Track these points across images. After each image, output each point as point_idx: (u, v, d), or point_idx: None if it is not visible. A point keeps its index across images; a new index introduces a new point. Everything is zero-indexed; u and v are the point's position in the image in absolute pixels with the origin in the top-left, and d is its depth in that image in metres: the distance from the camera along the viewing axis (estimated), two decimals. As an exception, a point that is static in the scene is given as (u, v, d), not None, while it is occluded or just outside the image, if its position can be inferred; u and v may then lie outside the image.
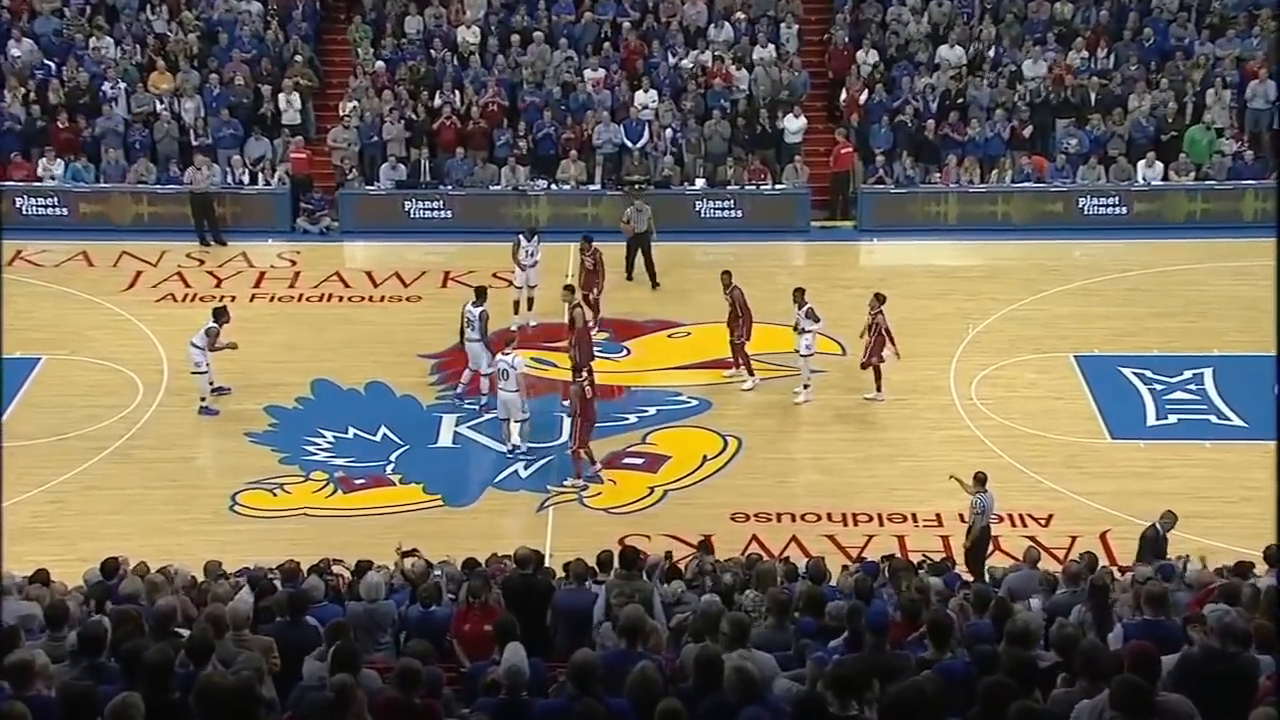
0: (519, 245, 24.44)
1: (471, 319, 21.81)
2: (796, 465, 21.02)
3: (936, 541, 18.66)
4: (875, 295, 21.77)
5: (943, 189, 29.12)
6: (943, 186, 29.16)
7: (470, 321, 21.81)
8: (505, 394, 20.49)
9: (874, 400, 21.94)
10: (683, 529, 18.97)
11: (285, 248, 28.25)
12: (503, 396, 20.56)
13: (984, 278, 26.90)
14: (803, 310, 22.02)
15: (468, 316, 21.87)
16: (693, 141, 29.74)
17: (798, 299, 22.15)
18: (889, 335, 21.60)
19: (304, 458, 20.91)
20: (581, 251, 24.34)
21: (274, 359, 23.61)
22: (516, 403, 20.52)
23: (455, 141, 29.65)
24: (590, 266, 24.15)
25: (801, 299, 22.12)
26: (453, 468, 20.83)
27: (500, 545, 17.10)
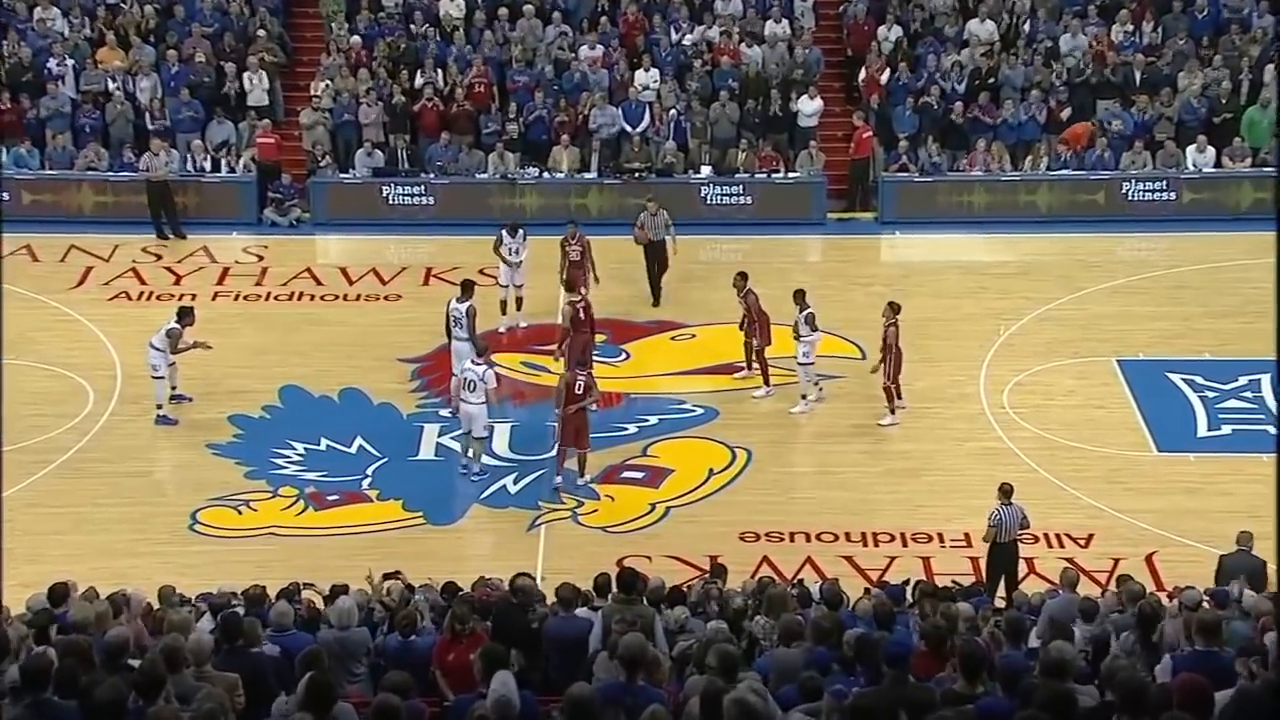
0: (500, 241, 24.43)
1: (458, 316, 21.82)
2: (811, 480, 21.01)
3: (965, 563, 18.64)
4: (890, 304, 21.69)
5: (972, 177, 29.11)
6: (972, 174, 29.15)
7: (456, 319, 21.82)
8: (469, 406, 20.47)
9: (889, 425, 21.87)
10: (687, 549, 18.95)
11: (251, 241, 28.22)
12: (465, 409, 20.55)
13: (1017, 274, 26.88)
14: (803, 315, 21.98)
15: (453, 313, 21.88)
16: (698, 125, 29.73)
17: (798, 301, 22.11)
18: (894, 350, 21.45)
19: (272, 472, 20.89)
20: (565, 243, 24.27)
21: (239, 363, 23.58)
22: (480, 417, 20.51)
23: (438, 125, 29.64)
24: (576, 258, 24.11)
25: (803, 301, 22.07)
26: (435, 483, 20.81)
27: (487, 567, 17.08)
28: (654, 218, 24.91)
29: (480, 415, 20.49)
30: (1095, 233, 28.23)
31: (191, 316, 22.09)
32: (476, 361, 20.52)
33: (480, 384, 20.34)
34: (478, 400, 20.42)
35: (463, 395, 20.53)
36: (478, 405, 20.43)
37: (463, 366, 20.57)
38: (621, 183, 28.92)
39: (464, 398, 20.50)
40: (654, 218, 24.91)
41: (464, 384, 20.47)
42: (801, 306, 22.07)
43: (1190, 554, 18.42)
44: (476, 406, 20.44)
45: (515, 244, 24.40)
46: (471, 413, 20.49)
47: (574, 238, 24.21)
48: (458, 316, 21.81)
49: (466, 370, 20.46)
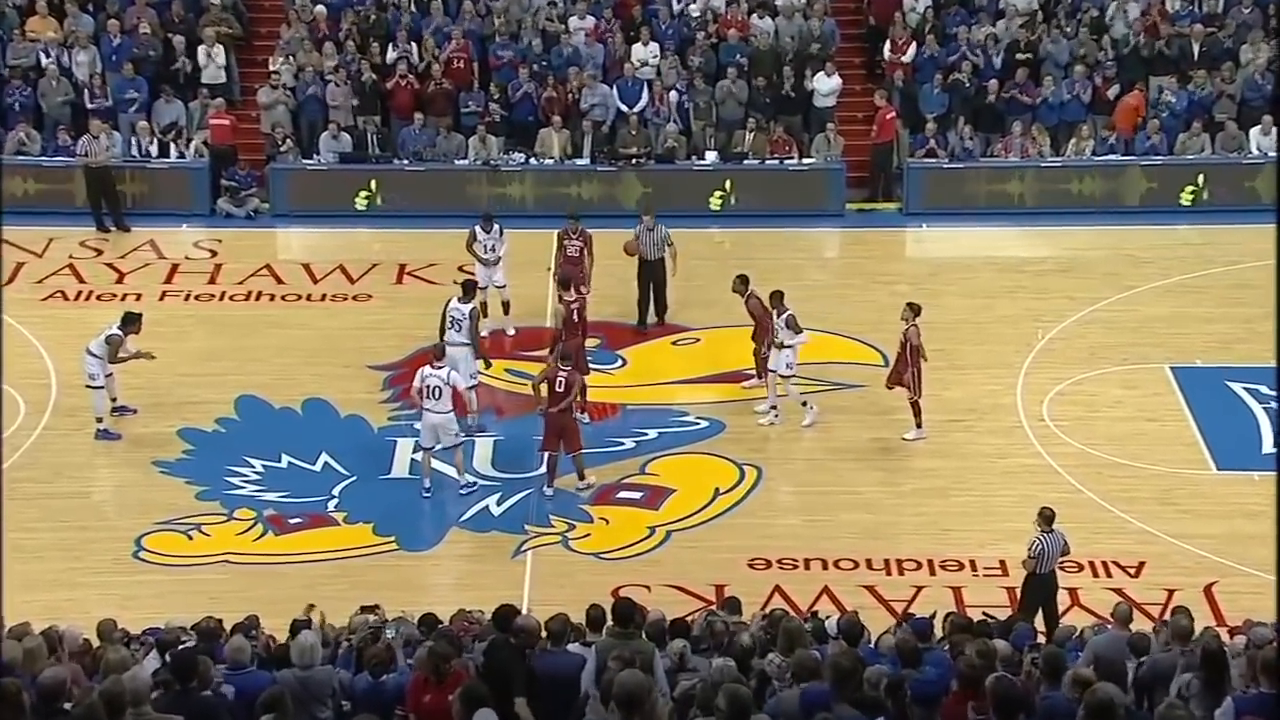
0: (474, 237, 24.36)
1: (458, 318, 21.74)
2: (828, 500, 20.98)
3: (1000, 594, 18.63)
4: (909, 305, 21.65)
5: (1008, 163, 29.11)
6: (1008, 160, 29.16)
7: (456, 321, 21.74)
8: (433, 416, 20.42)
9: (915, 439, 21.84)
10: (690, 578, 18.93)
11: (203, 235, 28.20)
12: (429, 420, 20.50)
13: (1058, 271, 26.88)
14: (782, 318, 21.90)
15: (452, 315, 21.79)
16: (702, 106, 29.73)
17: (775, 305, 22.02)
18: (916, 354, 21.41)
19: (226, 492, 20.86)
20: (564, 236, 24.22)
21: (190, 371, 23.56)
22: (448, 426, 20.47)
23: (412, 106, 29.63)
24: (574, 254, 24.07)
25: (780, 305, 21.98)
26: (410, 504, 20.79)
27: (467, 598, 17.05)
28: (650, 233, 24.28)
29: (447, 425, 20.45)
30: (1146, 224, 28.23)
31: (138, 324, 22.03)
32: (438, 365, 20.47)
33: (445, 388, 20.29)
34: (443, 409, 20.37)
35: (425, 404, 20.45)
36: (443, 414, 20.39)
37: (424, 372, 20.50)
38: (617, 170, 28.91)
39: (427, 406, 20.43)
40: (650, 233, 24.28)
41: (427, 391, 20.37)
42: (779, 310, 21.96)
43: (1254, 584, 18.38)
44: (442, 416, 20.39)
45: (490, 240, 24.28)
46: (436, 423, 20.44)
47: (574, 232, 24.14)
48: (457, 318, 21.74)
49: (429, 375, 20.39)
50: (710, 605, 17.30)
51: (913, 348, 21.39)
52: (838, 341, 24.31)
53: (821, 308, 25.16)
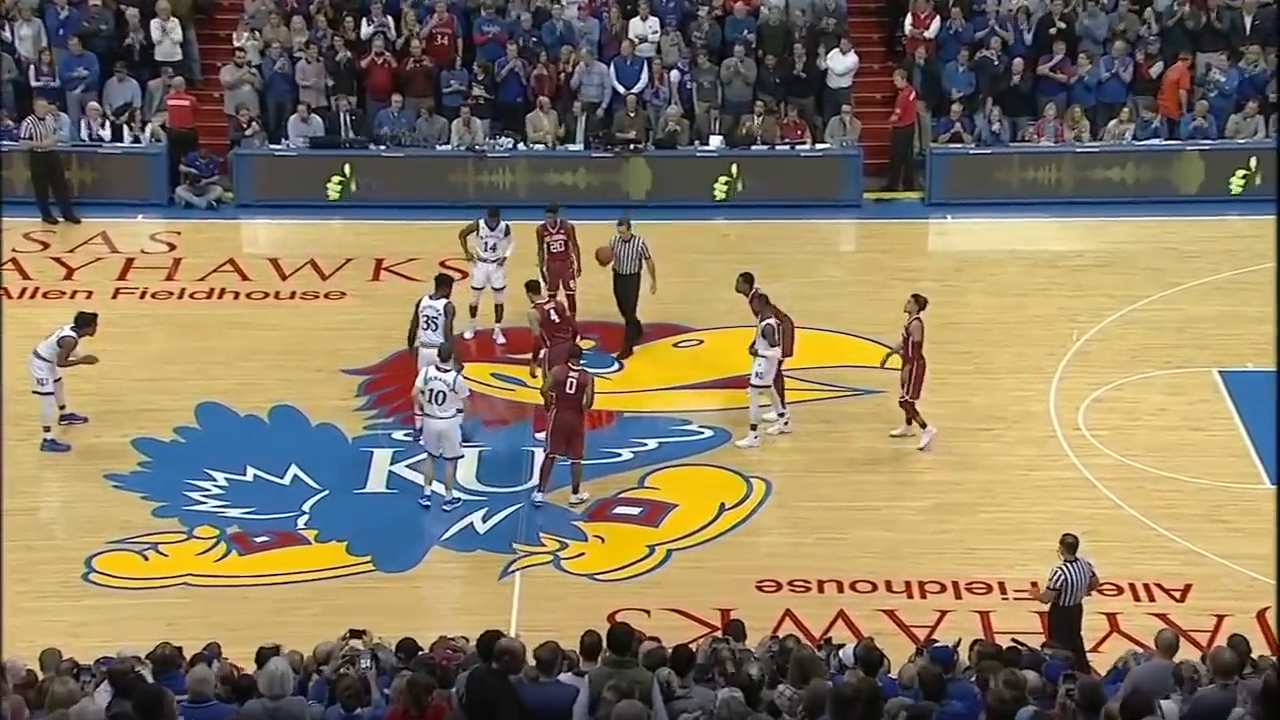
0: (475, 230, 24.29)
1: (433, 315, 21.72)
2: (843, 517, 20.97)
3: (1032, 619, 18.60)
4: (913, 297, 21.63)
5: (1040, 149, 29.16)
6: (1040, 145, 29.19)
7: (431, 319, 21.72)
8: (437, 423, 20.45)
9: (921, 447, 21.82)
10: (693, 601, 18.92)
11: (161, 226, 28.23)
12: (433, 426, 20.53)
13: (1096, 267, 26.90)
14: (762, 325, 21.79)
15: (426, 313, 21.79)
16: (705, 86, 29.77)
17: (758, 310, 21.89)
18: (917, 351, 21.38)
19: (186, 508, 20.84)
20: (545, 231, 24.14)
21: (146, 376, 23.56)
22: (452, 435, 20.49)
23: (389, 86, 29.66)
24: (558, 249, 24.04)
25: (765, 309, 21.79)
26: (387, 520, 20.78)
27: (450, 624, 17.03)
28: (626, 245, 23.80)
29: (452, 433, 20.46)
30: (1193, 215, 28.26)
31: (93, 325, 22.00)
32: (443, 367, 20.47)
33: (451, 394, 20.30)
34: (447, 414, 20.38)
35: (428, 409, 20.49)
36: (448, 420, 20.40)
37: (428, 374, 20.54)
38: (613, 156, 28.93)
39: (430, 412, 20.46)
40: (626, 245, 23.80)
41: (430, 396, 20.42)
42: (762, 314, 21.93)
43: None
44: (446, 422, 20.40)
45: (494, 237, 24.14)
46: (440, 430, 20.45)
47: (555, 225, 24.09)
48: (432, 316, 21.72)
49: (433, 378, 20.42)
50: (715, 631, 17.28)
51: (914, 344, 21.40)
52: (853, 343, 24.30)
53: (835, 306, 25.21)
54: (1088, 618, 17.60)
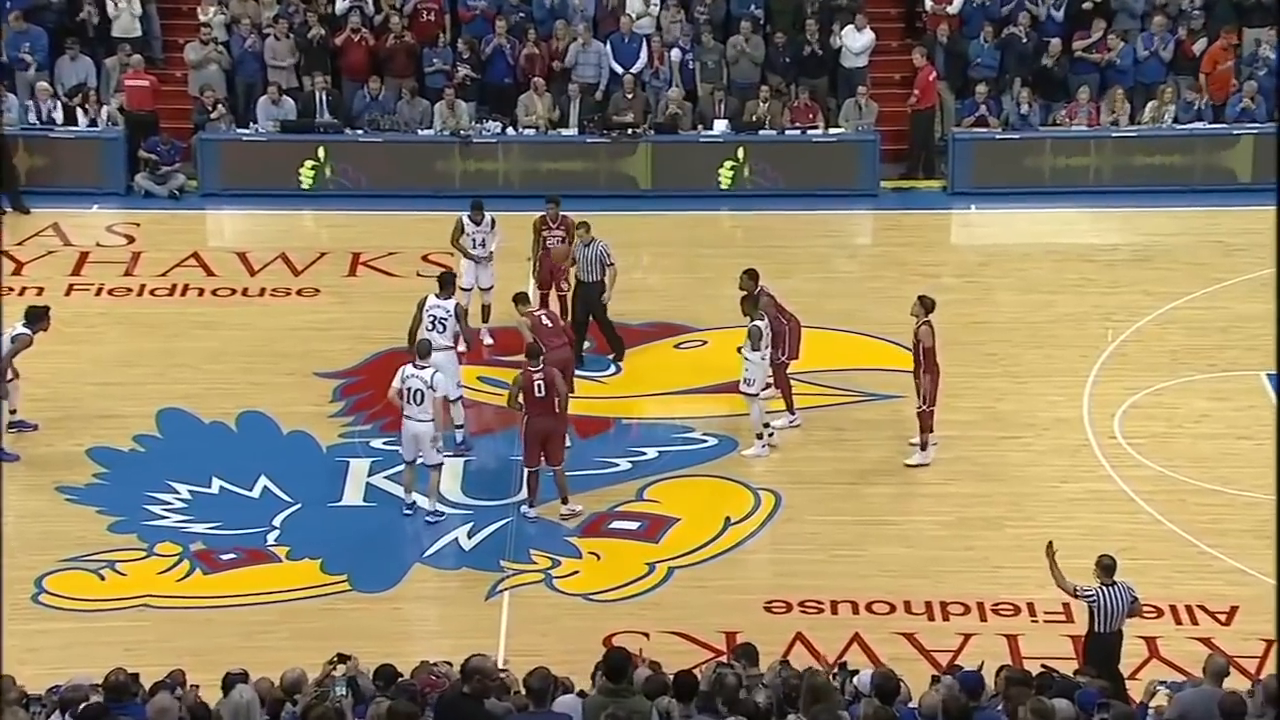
0: (461, 229, 24.23)
1: (441, 316, 21.63)
2: (859, 532, 20.96)
3: (1064, 644, 18.59)
4: (920, 300, 21.58)
5: (1073, 133, 29.16)
6: (1073, 129, 29.18)
7: (439, 320, 21.62)
8: (414, 425, 20.44)
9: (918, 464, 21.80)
10: (696, 623, 18.89)
11: (118, 217, 28.21)
12: (411, 429, 20.52)
13: (1134, 261, 26.89)
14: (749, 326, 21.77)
15: (432, 313, 21.69)
16: (710, 66, 29.75)
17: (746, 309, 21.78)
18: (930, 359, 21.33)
19: (146, 523, 20.81)
20: (542, 225, 24.04)
21: (102, 379, 23.53)
22: (428, 438, 20.49)
23: (367, 65, 29.64)
24: (556, 245, 23.91)
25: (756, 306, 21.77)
26: (365, 536, 20.76)
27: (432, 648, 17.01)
28: (586, 249, 23.41)
29: (427, 434, 20.44)
30: (1240, 205, 28.22)
31: (46, 320, 22.01)
32: (421, 364, 20.45)
33: (429, 393, 20.28)
34: (426, 416, 20.37)
35: (406, 410, 20.46)
36: (426, 422, 20.39)
37: (405, 372, 20.49)
38: (610, 142, 28.91)
39: (408, 413, 20.44)
40: (586, 249, 23.41)
41: (408, 395, 20.38)
42: (753, 314, 21.85)
43: None
44: (425, 424, 20.40)
45: (480, 232, 24.11)
46: (419, 433, 20.44)
47: (554, 219, 23.99)
48: (440, 316, 21.61)
49: (410, 376, 20.39)
50: (720, 655, 17.26)
51: (925, 350, 21.33)
52: (868, 344, 24.31)
53: (850, 305, 25.19)
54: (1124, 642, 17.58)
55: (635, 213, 28.24)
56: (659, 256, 27.55)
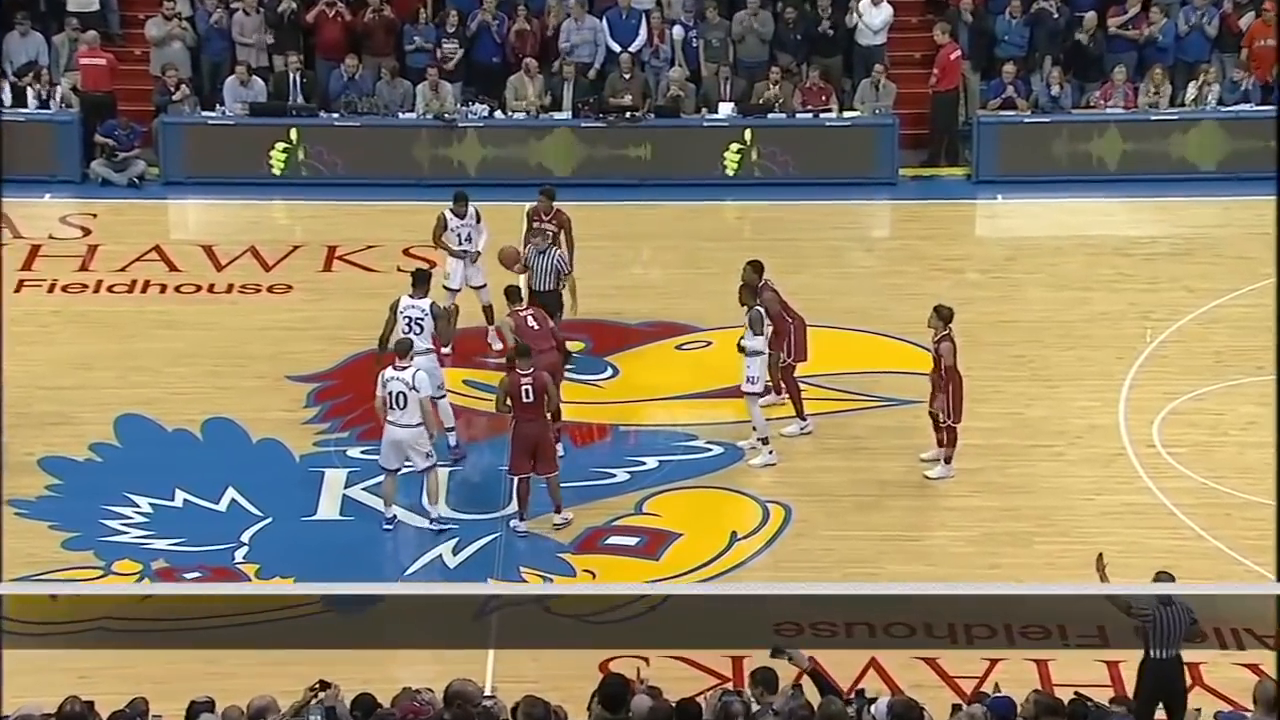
0: (443, 225, 24.15)
1: (417, 316, 21.57)
2: (877, 548, 20.97)
3: (1098, 669, 18.62)
4: (936, 311, 21.52)
5: (1108, 115, 29.17)
6: (1107, 112, 29.19)
7: (415, 321, 21.57)
8: (397, 431, 20.42)
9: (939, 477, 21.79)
10: (701, 647, 18.88)
11: (73, 207, 28.25)
12: (393, 435, 20.50)
13: (1174, 255, 26.90)
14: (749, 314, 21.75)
15: (408, 314, 21.64)
16: (714, 44, 29.76)
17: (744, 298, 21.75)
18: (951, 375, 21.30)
19: (103, 539, 20.82)
20: (534, 217, 23.97)
21: (55, 383, 23.52)
22: (417, 443, 20.45)
23: (343, 43, 29.65)
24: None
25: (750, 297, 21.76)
26: (341, 552, 20.77)
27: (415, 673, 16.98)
28: (541, 256, 22.98)
29: (417, 441, 20.43)
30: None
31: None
32: (401, 364, 20.41)
33: (411, 395, 20.24)
34: (412, 421, 20.33)
35: (388, 415, 20.41)
36: (412, 429, 20.35)
37: (385, 375, 20.43)
38: (606, 126, 28.92)
39: (391, 418, 20.41)
40: (541, 256, 22.98)
41: (390, 398, 20.33)
42: (750, 303, 21.76)
43: None
44: (410, 430, 20.35)
45: (465, 227, 24.02)
46: (402, 439, 20.40)
47: (546, 212, 23.86)
48: (416, 317, 21.55)
49: (390, 378, 20.33)
50: (726, 682, 17.25)
51: (946, 367, 21.25)
52: (886, 345, 24.32)
53: (866, 302, 25.19)
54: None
55: (634, 202, 28.29)
56: (659, 250, 27.56)
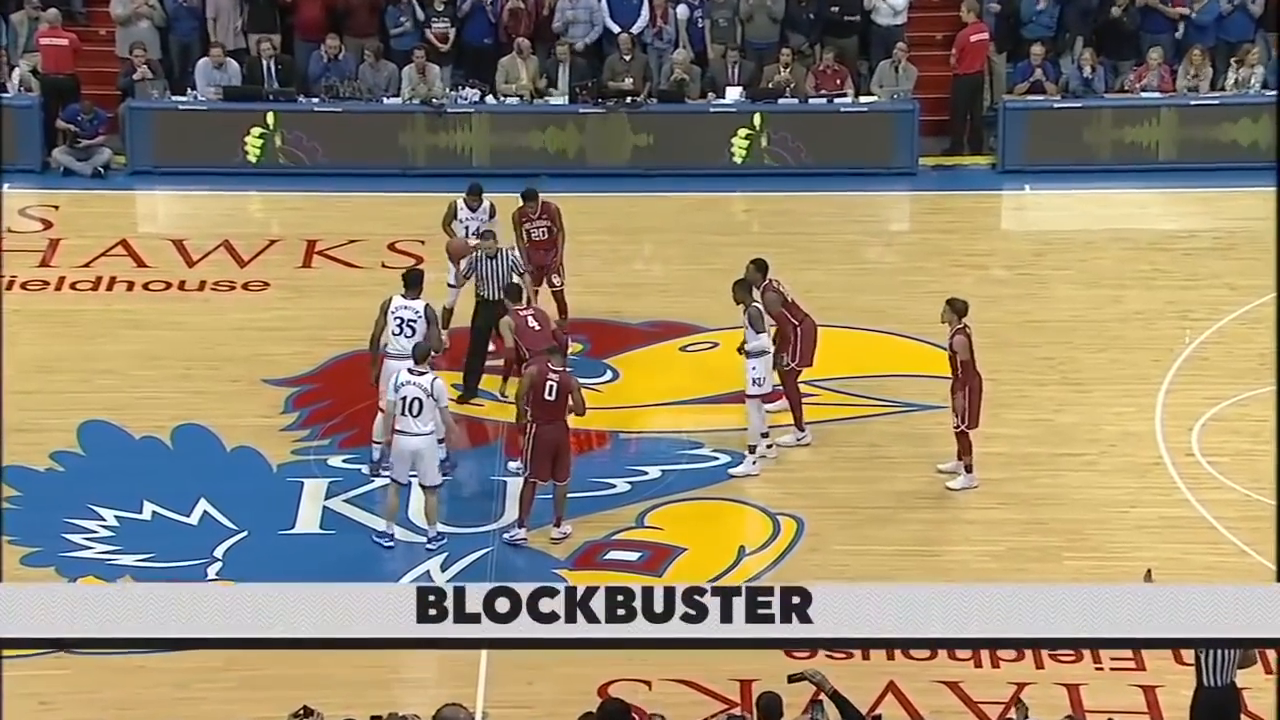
0: (453, 213, 24.18)
1: (410, 318, 21.50)
2: (894, 564, 20.99)
3: (1133, 695, 18.66)
4: (949, 304, 21.54)
5: (1144, 100, 29.20)
6: (1143, 96, 29.22)
7: (406, 323, 21.51)
8: (411, 440, 20.42)
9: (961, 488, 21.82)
10: (705, 669, 18.88)
11: (33, 198, 28.33)
12: (407, 445, 20.49)
13: (1215, 250, 26.93)
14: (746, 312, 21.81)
15: (400, 315, 21.56)
16: (721, 25, 29.80)
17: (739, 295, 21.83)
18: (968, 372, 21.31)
19: (65, 554, 20.85)
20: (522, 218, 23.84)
21: (14, 388, 23.50)
22: (429, 455, 20.49)
23: (323, 22, 29.69)
24: (543, 238, 23.87)
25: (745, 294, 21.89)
26: (322, 569, 20.78)
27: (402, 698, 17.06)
28: (491, 262, 22.76)
29: (431, 452, 20.50)
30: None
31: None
32: (418, 369, 20.38)
33: (429, 402, 20.23)
34: (425, 430, 20.34)
35: (401, 424, 20.39)
36: (425, 436, 20.39)
37: (398, 379, 20.39)
38: (606, 111, 28.95)
39: (403, 427, 20.39)
40: (491, 262, 22.76)
41: (404, 405, 20.33)
42: (746, 301, 21.80)
43: None
44: (423, 438, 20.38)
45: (477, 219, 23.98)
46: (417, 449, 20.38)
47: (535, 211, 23.78)
48: (409, 319, 21.48)
49: (406, 383, 20.29)
50: (733, 708, 17.30)
51: (962, 363, 21.32)
52: (905, 346, 24.35)
53: (884, 300, 25.21)
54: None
55: (634, 194, 28.32)
56: (662, 245, 27.60)
